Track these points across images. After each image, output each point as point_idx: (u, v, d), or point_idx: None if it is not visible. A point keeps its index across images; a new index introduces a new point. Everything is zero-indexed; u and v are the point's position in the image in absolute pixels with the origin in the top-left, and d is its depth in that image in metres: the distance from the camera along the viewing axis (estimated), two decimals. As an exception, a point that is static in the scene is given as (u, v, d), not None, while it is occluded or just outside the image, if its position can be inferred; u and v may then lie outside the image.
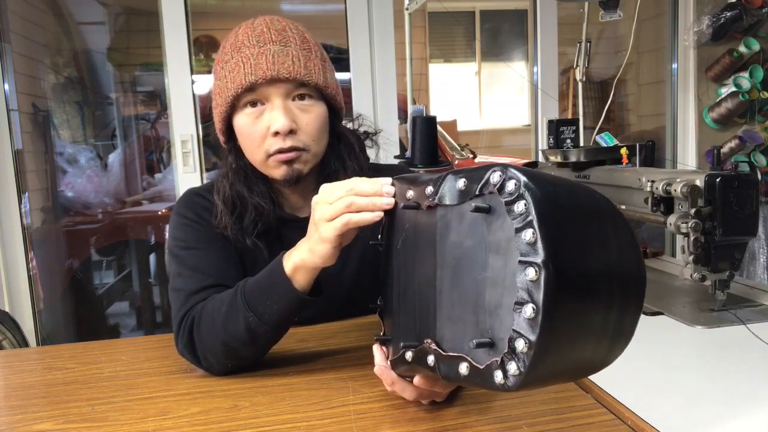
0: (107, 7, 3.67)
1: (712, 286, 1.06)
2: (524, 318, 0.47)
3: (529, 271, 0.47)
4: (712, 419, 0.68)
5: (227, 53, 0.94)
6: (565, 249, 0.48)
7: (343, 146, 1.00)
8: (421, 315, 0.60)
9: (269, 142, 0.92)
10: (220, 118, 0.95)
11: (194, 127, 2.42)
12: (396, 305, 0.66)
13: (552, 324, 0.47)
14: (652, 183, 1.09)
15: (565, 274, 0.47)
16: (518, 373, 0.48)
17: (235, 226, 0.95)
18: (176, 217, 0.99)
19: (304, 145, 0.93)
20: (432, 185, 0.59)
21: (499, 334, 0.50)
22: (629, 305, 0.53)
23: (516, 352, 0.48)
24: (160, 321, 3.30)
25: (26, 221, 2.52)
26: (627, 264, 0.52)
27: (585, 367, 0.55)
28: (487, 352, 0.51)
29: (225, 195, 0.96)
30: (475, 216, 0.53)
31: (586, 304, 0.49)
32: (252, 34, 0.93)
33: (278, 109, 0.90)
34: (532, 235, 0.47)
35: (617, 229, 0.53)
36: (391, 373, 0.67)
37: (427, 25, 5.68)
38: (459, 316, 0.55)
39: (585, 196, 0.54)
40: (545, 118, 2.61)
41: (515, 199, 0.49)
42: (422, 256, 0.61)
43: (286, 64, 0.90)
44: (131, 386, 0.82)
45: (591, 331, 0.50)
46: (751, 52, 2.72)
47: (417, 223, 0.62)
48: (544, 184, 0.50)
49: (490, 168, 0.52)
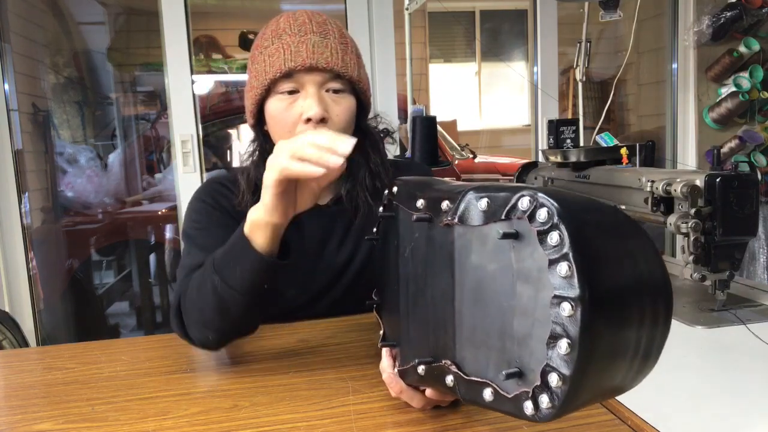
0: (107, 7, 3.67)
1: (712, 286, 1.06)
2: (558, 353, 0.46)
3: (565, 305, 0.45)
4: (712, 419, 0.68)
5: (267, 39, 0.96)
6: (599, 279, 0.47)
7: (367, 141, 1.02)
8: (437, 332, 0.59)
9: (300, 128, 0.93)
10: (254, 101, 0.97)
11: (194, 127, 2.42)
12: (404, 313, 0.65)
13: (587, 359, 0.46)
14: (652, 183, 1.09)
15: (600, 306, 0.46)
16: (551, 407, 0.47)
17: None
18: (195, 201, 1.03)
19: None
20: (449, 200, 0.57)
21: (529, 365, 0.49)
22: (659, 316, 0.51)
23: (549, 386, 0.47)
24: (160, 321, 3.30)
25: (26, 221, 2.52)
26: (654, 276, 0.51)
27: (615, 390, 0.54)
28: (515, 382, 0.50)
29: (249, 175, 0.99)
30: (501, 240, 0.51)
31: (621, 328, 0.48)
32: (294, 24, 0.95)
33: (312, 97, 0.92)
34: (568, 269, 0.45)
35: (641, 243, 0.52)
36: (400, 382, 0.66)
37: (427, 25, 5.68)
38: (482, 341, 0.54)
39: (609, 214, 0.52)
40: (545, 118, 2.62)
41: (549, 230, 0.47)
42: (437, 272, 0.59)
43: (324, 55, 0.92)
44: (131, 386, 0.82)
45: (624, 354, 0.50)
46: (751, 52, 2.72)
47: (430, 236, 0.60)
48: (577, 212, 0.48)
49: (517, 191, 0.50)
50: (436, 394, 0.64)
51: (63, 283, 3.16)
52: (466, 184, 0.57)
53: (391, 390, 0.68)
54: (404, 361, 0.65)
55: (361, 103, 1.00)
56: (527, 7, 4.68)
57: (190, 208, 1.03)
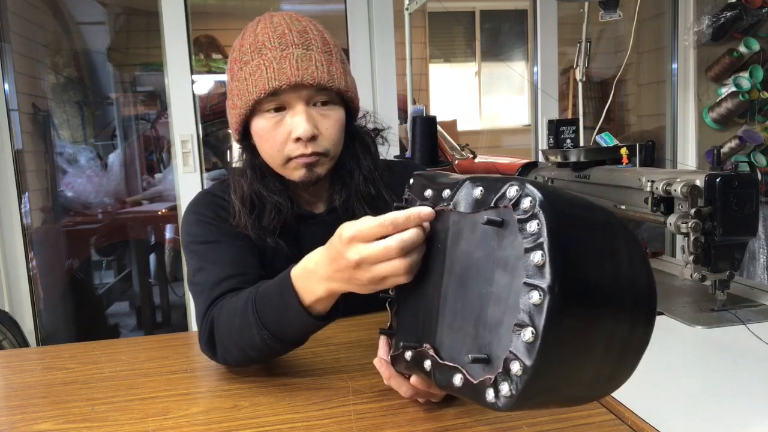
0: (107, 7, 3.67)
1: (712, 286, 1.06)
2: (522, 341, 0.46)
3: (533, 294, 0.46)
4: (712, 419, 0.68)
5: (246, 53, 0.92)
6: (573, 273, 0.46)
7: (358, 145, 1.00)
8: (424, 317, 0.60)
9: (290, 147, 0.91)
10: (238, 119, 0.94)
11: (194, 127, 2.42)
12: (403, 302, 0.66)
13: (550, 350, 0.46)
14: (652, 183, 1.09)
15: (570, 298, 0.46)
16: (509, 395, 0.47)
17: (255, 226, 0.94)
18: (192, 215, 0.98)
19: (324, 150, 0.93)
20: (449, 189, 0.58)
21: (496, 352, 0.49)
22: (638, 320, 0.51)
23: (510, 373, 0.47)
24: (160, 321, 3.30)
25: (26, 221, 2.52)
26: (637, 279, 0.51)
27: (586, 393, 0.53)
28: (482, 368, 0.50)
29: (243, 194, 0.95)
30: (487, 228, 0.52)
31: (591, 325, 0.48)
32: (273, 35, 0.91)
33: (300, 114, 0.90)
34: (541, 258, 0.46)
35: (628, 246, 0.51)
36: (390, 368, 0.67)
37: (427, 25, 5.68)
38: (460, 327, 0.54)
39: (598, 213, 0.52)
40: (545, 118, 2.61)
41: (529, 218, 0.48)
42: (431, 259, 0.60)
43: (309, 70, 0.89)
44: (131, 386, 0.82)
45: (592, 352, 0.49)
46: (751, 52, 2.72)
47: (432, 224, 0.61)
48: (560, 204, 0.48)
49: (509, 181, 0.51)
50: (421, 383, 0.64)
51: (63, 283, 3.16)
52: (468, 176, 0.58)
53: (382, 375, 0.68)
54: (395, 347, 0.66)
55: (349, 110, 0.98)
56: (527, 7, 4.68)
57: (187, 222, 0.98)
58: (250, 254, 0.94)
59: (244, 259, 0.92)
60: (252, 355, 0.79)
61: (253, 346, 0.77)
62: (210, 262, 0.91)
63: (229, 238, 0.94)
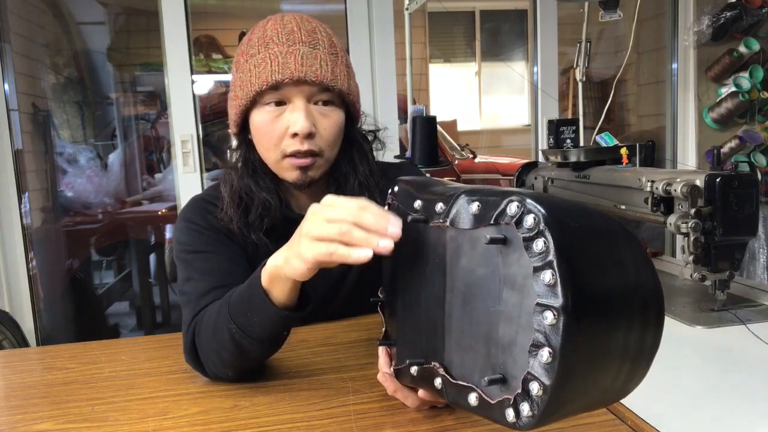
0: (107, 7, 3.67)
1: (712, 286, 1.06)
2: (540, 362, 0.46)
3: (547, 314, 0.45)
4: (712, 419, 0.68)
5: (254, 47, 0.92)
6: (583, 288, 0.46)
7: (355, 151, 1.00)
8: (429, 334, 0.60)
9: (287, 142, 0.91)
10: (238, 111, 0.93)
11: (194, 127, 2.42)
12: (401, 313, 0.65)
13: (568, 368, 0.46)
14: (652, 183, 1.09)
15: (584, 315, 0.46)
16: (531, 415, 0.47)
17: (241, 221, 0.94)
18: (183, 222, 0.97)
19: (320, 149, 0.92)
20: (443, 202, 0.57)
21: (513, 372, 0.49)
22: (648, 323, 0.51)
23: (530, 394, 0.47)
24: (160, 321, 3.30)
25: (26, 221, 2.52)
26: (644, 282, 0.51)
27: (605, 398, 0.53)
28: (499, 388, 0.50)
29: (232, 187, 0.95)
30: (489, 246, 0.51)
31: (606, 337, 0.48)
32: (282, 31, 0.91)
33: (300, 110, 0.89)
34: (552, 277, 0.45)
35: (631, 250, 0.51)
36: (395, 381, 0.66)
37: (427, 25, 5.69)
38: (469, 345, 0.54)
39: (599, 221, 0.52)
40: (545, 118, 2.62)
41: (534, 236, 0.47)
42: (430, 274, 0.59)
43: (314, 67, 0.89)
44: (131, 386, 0.82)
45: (610, 363, 0.49)
46: (751, 52, 2.72)
47: (425, 238, 0.60)
48: (563, 218, 0.48)
49: (507, 196, 0.50)
50: (429, 396, 0.64)
51: (63, 282, 3.16)
52: (460, 187, 0.57)
53: (386, 389, 0.68)
54: (399, 361, 0.65)
55: (349, 114, 0.97)
56: (527, 7, 4.68)
57: (178, 230, 0.97)
58: (238, 263, 0.94)
59: (232, 270, 0.91)
60: (225, 359, 0.78)
61: (224, 346, 0.76)
62: (198, 271, 0.91)
63: (219, 247, 0.94)
